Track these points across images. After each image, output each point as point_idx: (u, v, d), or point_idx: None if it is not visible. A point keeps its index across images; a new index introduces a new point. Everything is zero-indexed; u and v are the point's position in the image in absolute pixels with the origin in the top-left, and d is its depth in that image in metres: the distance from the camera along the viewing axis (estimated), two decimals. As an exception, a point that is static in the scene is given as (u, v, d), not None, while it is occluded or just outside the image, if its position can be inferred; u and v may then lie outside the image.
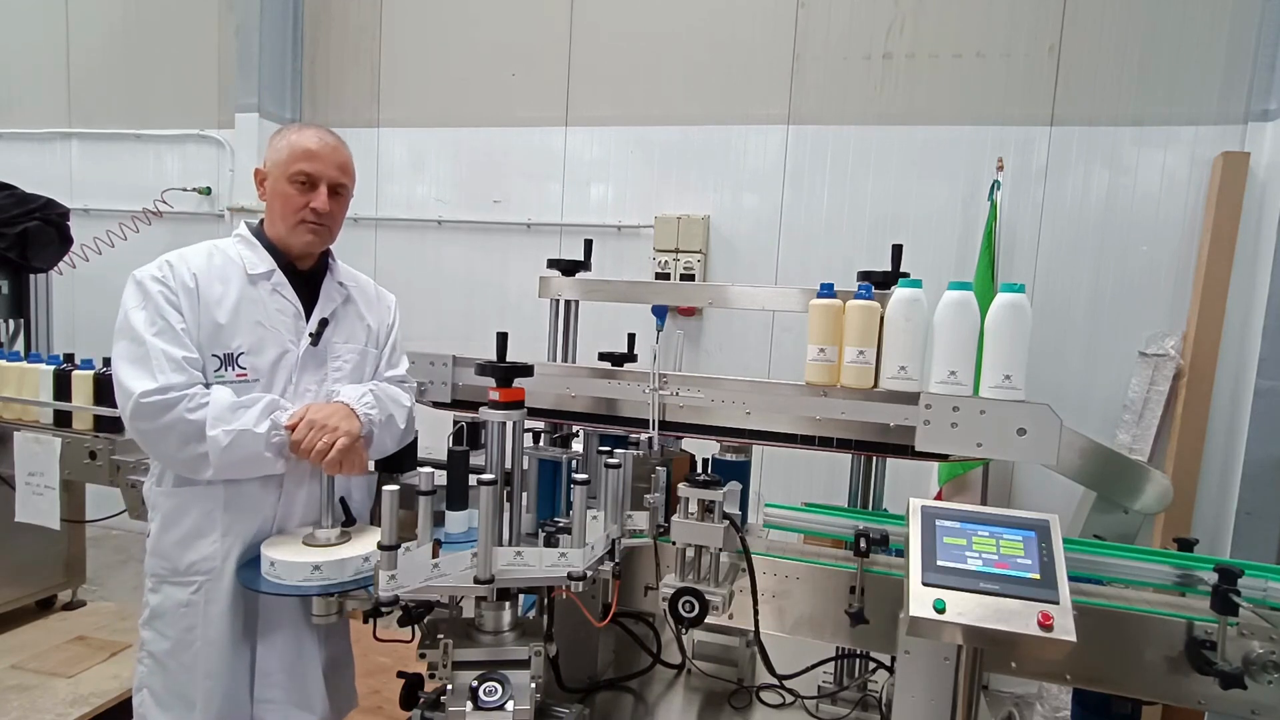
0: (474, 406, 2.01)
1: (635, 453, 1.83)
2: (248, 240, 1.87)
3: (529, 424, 2.00)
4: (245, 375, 1.76)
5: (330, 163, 1.84)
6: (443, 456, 1.87)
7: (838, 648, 2.03)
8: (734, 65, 4.21)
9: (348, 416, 1.78)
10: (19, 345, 3.77)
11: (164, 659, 1.78)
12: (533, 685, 1.52)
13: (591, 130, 4.49)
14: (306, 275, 1.92)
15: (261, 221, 1.91)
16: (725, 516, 1.60)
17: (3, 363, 2.78)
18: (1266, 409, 3.28)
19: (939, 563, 1.41)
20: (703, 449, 2.00)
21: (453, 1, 4.68)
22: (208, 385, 1.70)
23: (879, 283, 1.87)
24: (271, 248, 1.86)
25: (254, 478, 1.76)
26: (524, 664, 1.55)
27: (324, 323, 1.88)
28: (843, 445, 1.74)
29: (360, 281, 2.06)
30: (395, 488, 1.42)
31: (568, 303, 2.34)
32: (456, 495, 1.76)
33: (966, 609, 1.33)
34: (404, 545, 1.41)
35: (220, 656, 1.76)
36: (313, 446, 1.70)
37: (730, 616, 1.72)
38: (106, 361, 2.57)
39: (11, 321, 3.79)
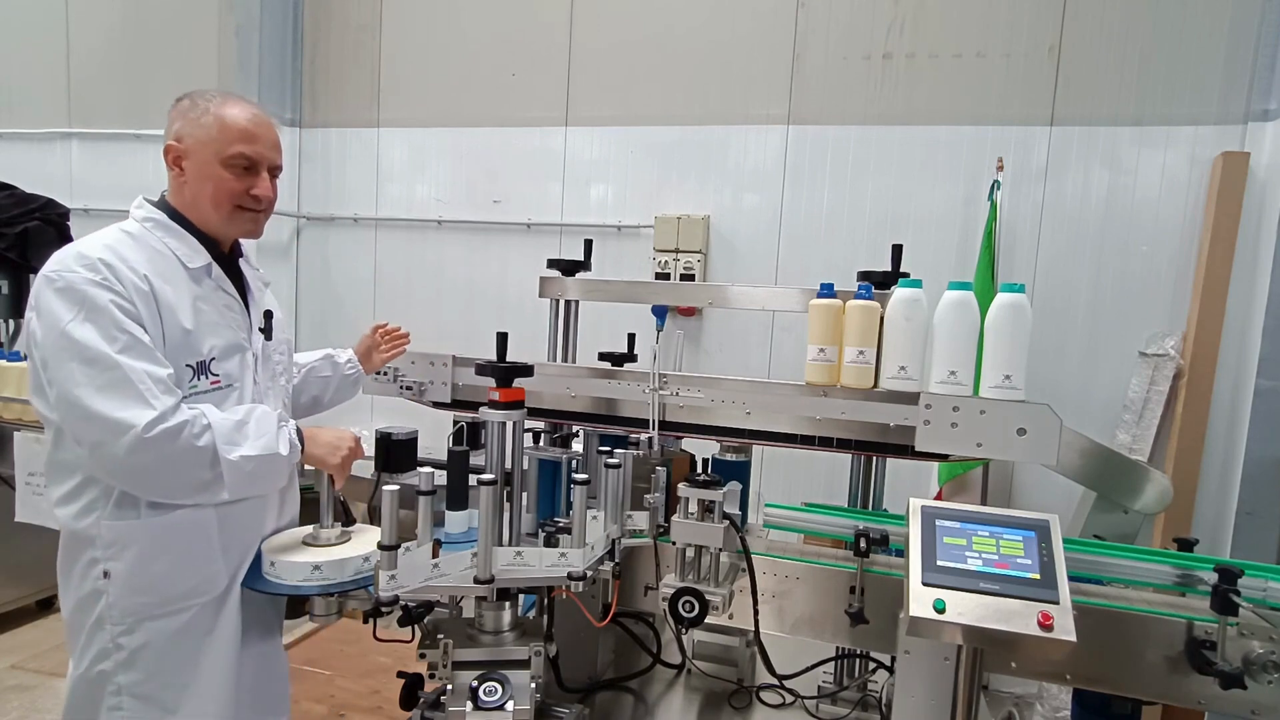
0: (474, 406, 2.01)
1: (635, 453, 1.83)
2: (168, 226, 1.64)
3: (529, 424, 2.00)
4: (219, 382, 1.62)
5: (268, 142, 1.66)
6: (443, 456, 1.87)
7: (838, 648, 2.03)
8: (734, 65, 4.21)
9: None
10: (19, 345, 3.77)
11: (156, 694, 1.61)
12: (533, 685, 1.52)
13: (591, 130, 4.48)
14: (228, 263, 1.74)
15: (164, 195, 1.70)
16: (725, 516, 1.60)
17: (3, 363, 2.78)
18: (1266, 409, 3.28)
19: (939, 563, 1.41)
20: (703, 449, 2.00)
21: (453, 1, 4.68)
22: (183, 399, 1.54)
23: (879, 283, 1.87)
24: (195, 233, 1.66)
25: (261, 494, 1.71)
26: (524, 664, 1.55)
27: (269, 315, 1.78)
28: (843, 445, 1.75)
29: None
30: (395, 488, 1.42)
31: (568, 303, 2.34)
32: (456, 495, 1.76)
33: (966, 609, 1.33)
34: (404, 545, 1.41)
35: (222, 675, 1.67)
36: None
37: (730, 616, 1.72)
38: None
39: (11, 321, 3.80)
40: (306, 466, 1.78)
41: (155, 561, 1.59)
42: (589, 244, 2.44)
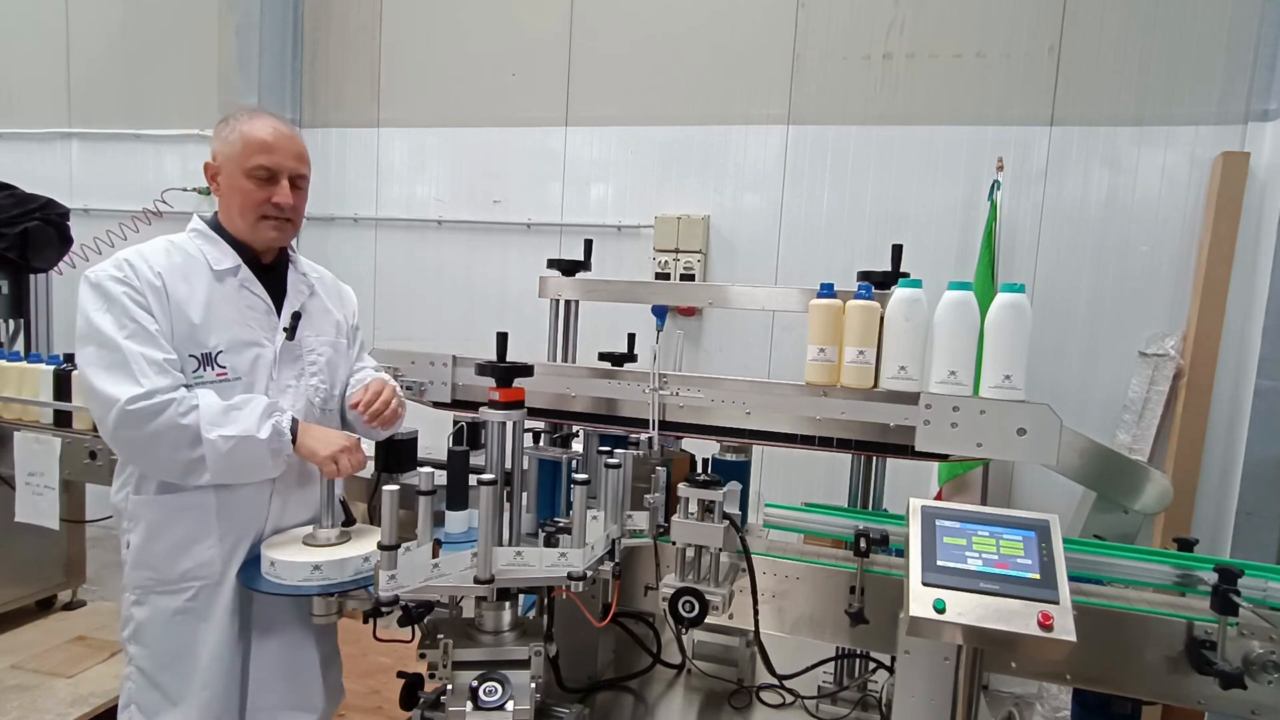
0: (474, 406, 2.01)
1: (635, 453, 1.83)
2: (207, 235, 1.80)
3: (529, 424, 2.00)
4: (225, 374, 1.71)
5: (288, 153, 1.77)
6: (443, 456, 1.87)
7: (838, 648, 2.03)
8: (734, 65, 4.21)
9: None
10: (19, 345, 3.77)
11: (155, 673, 1.74)
12: (533, 685, 1.52)
13: (591, 130, 4.48)
14: (269, 269, 1.86)
15: (217, 214, 1.84)
16: (725, 516, 1.60)
17: (3, 363, 2.78)
18: (1266, 409, 3.28)
19: (939, 563, 1.41)
20: (703, 449, 2.00)
21: (453, 2, 4.68)
22: (189, 387, 1.65)
23: (879, 283, 1.87)
24: (233, 242, 1.80)
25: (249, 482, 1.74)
26: (524, 664, 1.55)
27: (296, 316, 1.84)
28: (843, 445, 1.74)
29: (321, 273, 2.03)
30: (395, 488, 1.43)
31: (568, 303, 2.34)
32: (456, 495, 1.76)
33: (966, 609, 1.33)
34: (404, 545, 1.41)
35: (218, 663, 1.73)
36: (390, 401, 1.85)
37: (730, 616, 1.72)
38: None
39: (11, 321, 3.80)
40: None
41: (159, 538, 1.72)
42: (589, 244, 2.44)
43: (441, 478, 1.71)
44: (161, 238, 1.78)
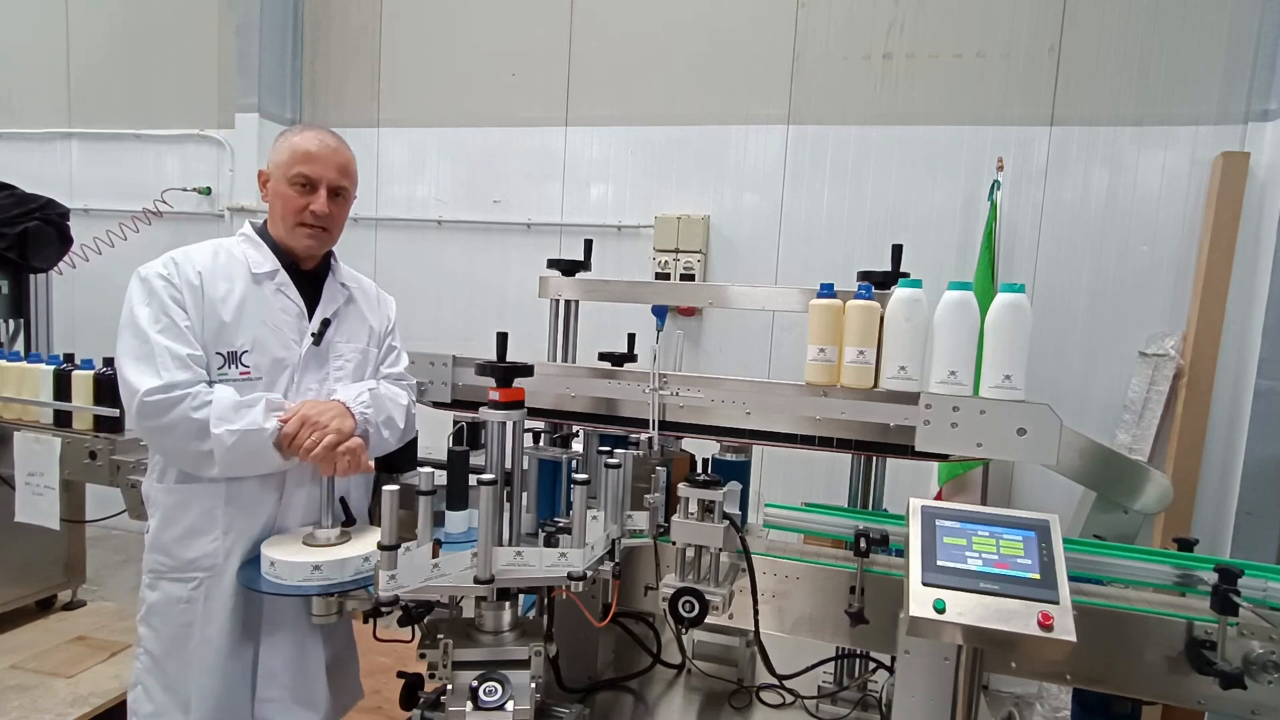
0: (474, 406, 2.01)
1: (635, 453, 1.83)
2: (252, 240, 1.88)
3: (529, 424, 2.00)
4: (248, 373, 1.77)
5: (329, 164, 1.84)
6: (443, 456, 1.87)
7: (838, 648, 2.03)
8: (734, 65, 4.21)
9: (341, 414, 1.77)
10: (19, 345, 3.77)
11: (160, 656, 1.79)
12: (533, 685, 1.52)
13: (591, 130, 4.49)
14: (309, 275, 1.93)
15: (266, 221, 1.93)
16: (725, 516, 1.60)
17: (3, 363, 2.77)
18: (1266, 409, 3.28)
19: (939, 563, 1.40)
20: (703, 449, 2.00)
21: (453, 2, 4.68)
22: (211, 383, 1.71)
23: (879, 283, 1.87)
24: (275, 248, 1.88)
25: (255, 475, 1.77)
26: (524, 664, 1.55)
27: (326, 323, 1.89)
28: (843, 445, 1.74)
29: (362, 283, 2.07)
30: (395, 488, 1.42)
31: (568, 303, 2.34)
32: (456, 495, 1.76)
33: (966, 609, 1.33)
34: (404, 545, 1.41)
35: (217, 654, 1.76)
36: (302, 444, 1.70)
37: (730, 616, 1.72)
38: (106, 361, 2.57)
39: (11, 321, 3.80)
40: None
41: (172, 525, 1.78)
42: (589, 244, 2.44)
43: (441, 478, 1.71)
44: (212, 240, 1.87)
